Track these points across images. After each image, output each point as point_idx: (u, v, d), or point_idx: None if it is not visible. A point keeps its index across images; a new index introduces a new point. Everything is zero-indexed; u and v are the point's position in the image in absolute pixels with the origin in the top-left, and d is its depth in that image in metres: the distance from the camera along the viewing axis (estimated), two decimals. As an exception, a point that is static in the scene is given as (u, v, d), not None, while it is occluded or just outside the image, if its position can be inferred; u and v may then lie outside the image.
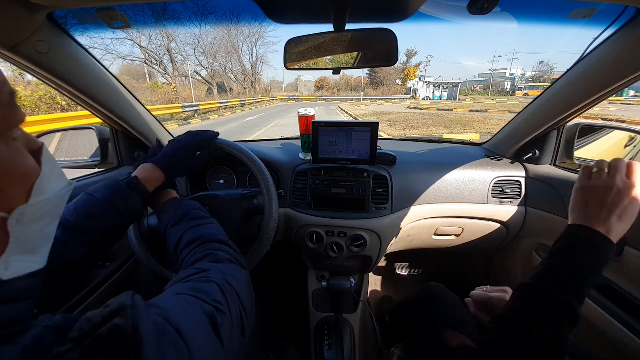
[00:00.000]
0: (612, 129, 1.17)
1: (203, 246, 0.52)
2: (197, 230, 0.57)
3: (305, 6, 0.71)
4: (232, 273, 0.46)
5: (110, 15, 0.68)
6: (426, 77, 46.80)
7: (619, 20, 0.66)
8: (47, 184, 0.31)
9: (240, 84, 39.81)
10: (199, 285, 0.40)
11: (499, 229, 1.14)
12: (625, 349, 0.71)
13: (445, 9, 0.73)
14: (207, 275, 0.42)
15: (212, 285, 0.40)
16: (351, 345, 1.07)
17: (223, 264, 0.48)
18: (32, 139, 0.32)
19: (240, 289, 0.44)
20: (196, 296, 0.37)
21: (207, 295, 0.38)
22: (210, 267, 0.45)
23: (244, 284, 0.47)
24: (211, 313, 0.35)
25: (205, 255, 0.49)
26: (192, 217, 0.61)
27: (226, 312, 0.37)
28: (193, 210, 0.63)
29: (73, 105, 9.18)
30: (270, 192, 0.83)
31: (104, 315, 0.26)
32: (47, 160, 0.31)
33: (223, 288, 0.41)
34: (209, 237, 0.55)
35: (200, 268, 0.45)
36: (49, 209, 0.31)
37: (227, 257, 0.50)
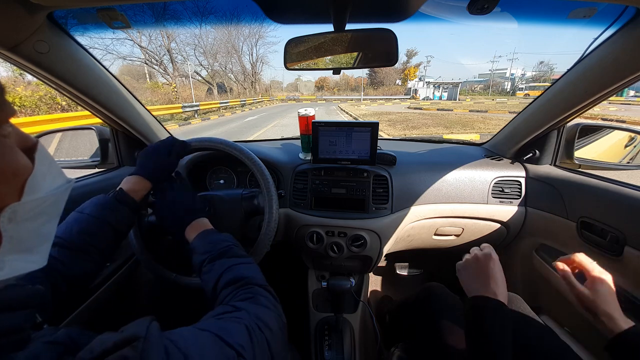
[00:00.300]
0: (612, 129, 1.16)
1: (244, 288, 0.50)
2: (238, 269, 0.55)
3: (305, 6, 0.71)
4: (267, 320, 0.45)
5: (110, 15, 0.68)
6: (426, 77, 46.81)
7: (619, 20, 0.66)
8: (43, 182, 0.30)
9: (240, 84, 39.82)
10: (227, 324, 0.39)
11: (499, 229, 1.14)
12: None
13: (445, 9, 0.73)
14: (239, 316, 0.41)
15: (240, 327, 0.39)
16: (351, 345, 1.07)
17: (260, 307, 0.46)
18: (26, 137, 0.31)
19: (272, 338, 0.43)
20: (220, 336, 0.36)
21: (231, 336, 0.37)
22: (247, 308, 0.44)
23: (278, 333, 0.45)
24: (232, 356, 0.34)
25: (246, 298, 0.48)
26: (232, 255, 0.58)
27: (247, 359, 0.36)
28: (232, 248, 0.60)
29: (73, 105, 9.18)
30: (270, 192, 0.83)
31: (116, 342, 0.25)
32: (42, 157, 0.31)
33: (252, 332, 0.39)
34: (250, 279, 0.53)
35: (236, 307, 0.44)
36: (45, 207, 0.31)
37: (265, 302, 0.48)
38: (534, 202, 1.08)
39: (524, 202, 1.10)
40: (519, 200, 1.10)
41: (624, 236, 0.76)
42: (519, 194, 1.10)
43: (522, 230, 1.14)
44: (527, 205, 1.10)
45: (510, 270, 1.24)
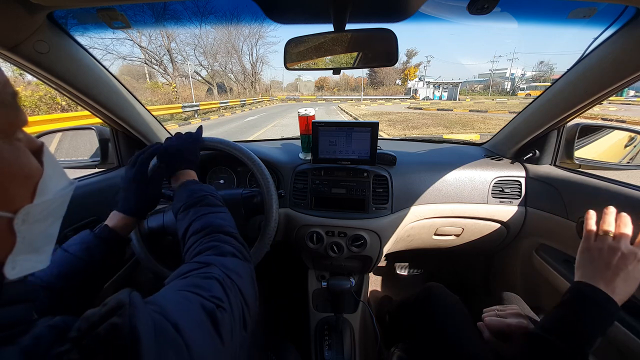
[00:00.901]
0: (612, 129, 1.16)
1: (209, 236, 0.52)
2: (207, 218, 0.56)
3: (305, 6, 0.71)
4: (235, 268, 0.46)
5: (110, 15, 0.68)
6: (426, 77, 46.80)
7: (619, 20, 0.66)
8: (50, 184, 0.31)
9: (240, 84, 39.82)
10: (199, 281, 0.40)
11: (499, 229, 1.14)
12: (626, 349, 0.71)
13: (445, 9, 0.73)
14: (208, 271, 0.42)
15: (212, 282, 0.40)
16: (351, 345, 1.07)
17: (226, 257, 0.47)
18: (33, 139, 0.32)
19: (243, 283, 0.44)
20: (196, 292, 0.36)
21: (207, 291, 0.37)
22: (213, 261, 0.45)
23: (247, 278, 0.46)
24: (211, 310, 0.35)
25: (210, 247, 0.49)
26: (205, 204, 0.60)
27: (227, 309, 0.37)
28: (207, 197, 0.62)
29: (73, 105, 9.18)
30: (270, 192, 0.83)
31: (102, 314, 0.26)
32: (48, 159, 0.32)
33: (224, 284, 0.40)
34: (217, 227, 0.54)
35: (202, 262, 0.44)
36: (53, 209, 0.32)
37: (231, 250, 0.49)
38: (534, 202, 1.08)
39: (524, 202, 1.10)
40: (519, 200, 1.10)
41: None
42: (519, 194, 1.10)
43: (522, 230, 1.14)
44: (527, 205, 1.10)
45: (510, 270, 1.24)
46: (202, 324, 0.33)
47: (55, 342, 0.24)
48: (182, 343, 0.29)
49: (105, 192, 1.03)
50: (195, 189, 0.64)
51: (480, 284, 1.49)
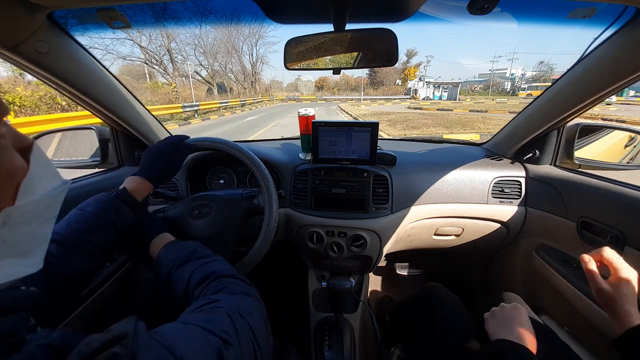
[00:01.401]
0: (612, 129, 1.16)
1: (216, 281, 0.50)
2: (207, 267, 0.54)
3: (305, 6, 0.71)
4: (245, 305, 0.45)
5: (110, 15, 0.68)
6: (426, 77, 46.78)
7: (619, 20, 0.66)
8: (38, 184, 0.29)
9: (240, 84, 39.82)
10: (208, 315, 0.39)
11: (499, 229, 1.14)
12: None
13: (445, 9, 0.73)
14: (218, 305, 0.41)
15: (221, 315, 0.39)
16: (351, 345, 1.07)
17: (237, 295, 0.47)
18: (21, 136, 0.30)
19: (254, 322, 0.43)
20: (203, 326, 0.36)
21: (214, 325, 0.37)
22: (223, 298, 0.44)
23: (258, 316, 0.45)
24: (217, 345, 0.34)
25: (219, 290, 0.48)
26: (199, 256, 0.58)
27: (234, 344, 0.36)
28: (198, 250, 0.60)
29: (73, 105, 9.19)
30: (270, 192, 0.83)
31: (104, 341, 0.25)
32: (37, 158, 0.30)
33: (233, 319, 0.40)
34: (220, 273, 0.53)
35: (212, 298, 0.44)
36: (40, 210, 0.30)
37: (241, 290, 0.49)
38: (534, 202, 1.08)
39: (524, 202, 1.10)
40: (519, 200, 1.10)
41: (624, 236, 0.76)
42: (519, 194, 1.10)
43: (522, 230, 1.14)
44: (527, 205, 1.10)
45: (510, 270, 1.24)
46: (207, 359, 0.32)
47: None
48: None
49: (105, 192, 1.03)
50: (182, 246, 0.61)
51: (480, 284, 1.49)
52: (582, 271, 0.89)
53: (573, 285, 0.88)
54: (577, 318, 0.89)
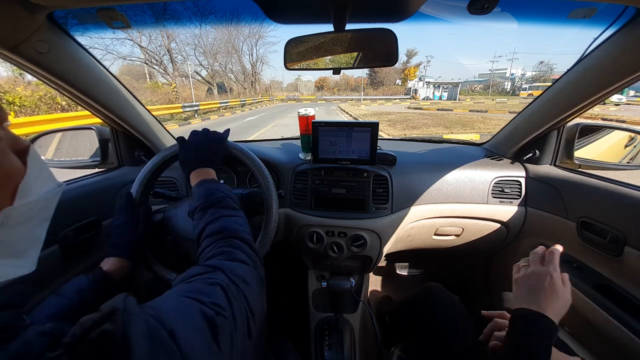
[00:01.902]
0: (612, 129, 1.16)
1: (224, 241, 0.52)
2: (223, 221, 0.56)
3: (305, 6, 0.71)
4: (244, 275, 0.45)
5: (110, 15, 0.68)
6: (426, 77, 46.78)
7: (619, 20, 0.66)
8: (34, 186, 0.30)
9: (240, 84, 39.81)
10: (202, 286, 0.39)
11: (499, 229, 1.14)
12: (625, 349, 0.71)
13: (445, 9, 0.73)
14: (213, 277, 0.41)
15: (215, 288, 0.39)
16: (351, 345, 1.07)
17: (236, 263, 0.47)
18: (18, 139, 0.31)
19: (250, 292, 0.43)
20: (196, 298, 0.36)
21: (208, 297, 0.37)
22: (222, 265, 0.44)
23: (255, 287, 0.46)
24: (211, 317, 0.34)
25: (222, 252, 0.49)
26: (222, 206, 0.60)
27: (227, 317, 0.36)
28: (224, 199, 0.62)
29: (73, 105, 9.19)
30: (270, 192, 0.83)
31: (95, 320, 0.25)
32: (34, 161, 0.30)
33: (228, 291, 0.40)
34: (233, 231, 0.54)
35: (210, 266, 0.44)
36: (36, 211, 0.30)
37: (243, 257, 0.49)
38: (534, 202, 1.08)
39: (524, 202, 1.10)
40: (519, 200, 1.10)
41: (624, 236, 0.76)
42: (519, 194, 1.10)
43: (522, 230, 1.14)
44: (527, 205, 1.10)
45: (510, 270, 1.24)
46: (199, 331, 0.32)
47: (48, 349, 0.24)
48: (176, 350, 0.28)
49: (105, 192, 1.03)
50: (213, 188, 0.64)
51: (480, 284, 1.49)
52: (583, 271, 0.89)
53: (573, 285, 0.87)
54: (577, 318, 0.89)
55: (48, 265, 0.81)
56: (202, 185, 0.65)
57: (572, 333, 0.93)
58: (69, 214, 0.88)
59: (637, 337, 0.69)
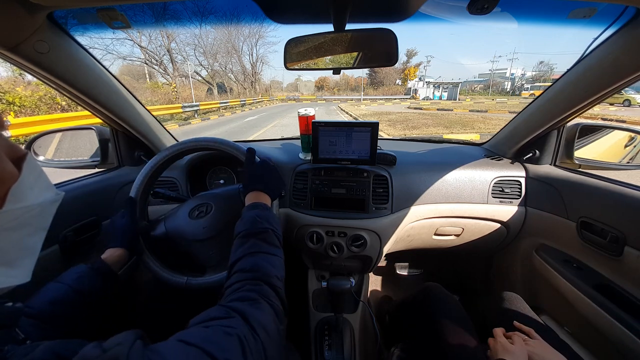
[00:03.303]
0: (612, 129, 1.16)
1: (253, 282, 0.50)
2: (259, 259, 0.54)
3: (305, 6, 0.71)
4: (265, 324, 0.43)
5: (110, 15, 0.68)
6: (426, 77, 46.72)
7: (619, 20, 0.66)
8: (29, 192, 0.29)
9: (240, 84, 39.80)
10: (217, 337, 0.37)
11: (499, 229, 1.14)
12: (625, 349, 0.71)
13: (445, 9, 0.73)
14: (232, 324, 0.39)
15: (232, 340, 0.37)
16: (351, 345, 1.07)
17: (259, 311, 0.45)
18: (15, 147, 0.30)
19: (268, 343, 0.41)
20: (207, 351, 0.34)
21: (221, 351, 0.34)
22: (245, 312, 0.42)
23: (275, 335, 0.44)
24: None
25: (248, 298, 0.46)
26: (263, 239, 0.58)
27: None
28: (268, 232, 0.60)
29: (73, 105, 9.18)
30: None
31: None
32: (30, 168, 0.30)
33: (245, 343, 0.37)
34: (264, 275, 0.52)
35: (232, 310, 0.42)
36: (30, 218, 0.29)
37: (267, 307, 0.47)
38: (534, 202, 1.08)
39: (524, 202, 1.10)
40: (519, 200, 1.10)
41: (624, 236, 0.76)
42: (519, 194, 1.10)
43: (522, 230, 1.14)
44: (527, 205, 1.10)
45: (510, 270, 1.24)
46: None
47: None
48: None
49: (105, 192, 1.03)
50: (263, 216, 0.62)
51: (480, 284, 1.49)
52: (583, 271, 0.89)
53: (573, 285, 0.88)
54: (577, 318, 0.89)
55: (48, 265, 0.81)
56: (254, 209, 0.64)
57: (572, 333, 0.94)
58: (69, 214, 0.88)
59: (637, 337, 0.69)
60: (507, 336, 0.71)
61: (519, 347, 0.65)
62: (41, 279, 0.79)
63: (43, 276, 0.80)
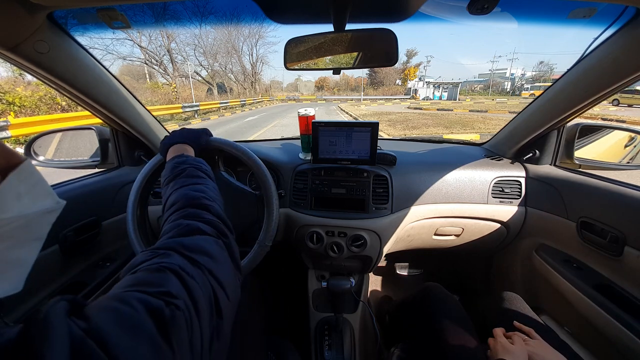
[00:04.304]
0: (612, 129, 1.16)
1: (178, 212, 0.46)
2: (181, 191, 0.51)
3: (305, 6, 0.71)
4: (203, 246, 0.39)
5: (110, 15, 0.68)
6: (426, 77, 46.75)
7: (619, 20, 0.66)
8: (11, 203, 0.27)
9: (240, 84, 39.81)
10: (146, 276, 0.32)
11: (499, 229, 1.14)
12: (625, 349, 0.71)
13: (445, 9, 0.73)
14: (161, 261, 0.35)
15: (163, 274, 0.33)
16: (351, 345, 1.07)
17: (191, 237, 0.41)
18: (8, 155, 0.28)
19: (215, 265, 0.38)
20: (140, 291, 0.30)
21: (155, 287, 0.31)
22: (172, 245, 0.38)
23: (220, 258, 0.40)
24: (157, 310, 0.28)
25: (174, 227, 0.42)
26: (186, 175, 0.55)
27: (181, 306, 0.30)
28: (189, 168, 0.57)
29: (73, 106, 9.18)
30: (270, 192, 0.83)
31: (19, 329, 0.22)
32: (21, 177, 0.28)
33: (182, 273, 0.33)
34: (190, 199, 0.48)
35: (158, 249, 0.38)
36: (9, 230, 0.26)
37: (198, 226, 0.42)
38: (534, 202, 1.08)
39: (524, 202, 1.10)
40: (519, 200, 1.10)
41: (624, 236, 0.76)
42: (519, 194, 1.10)
43: (522, 230, 1.14)
44: (527, 205, 1.10)
45: (510, 270, 1.24)
46: (142, 332, 0.26)
47: None
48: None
49: (105, 192, 1.03)
50: (179, 161, 0.60)
51: (480, 284, 1.49)
52: (583, 271, 0.89)
53: (573, 285, 0.88)
54: (577, 318, 0.89)
55: (48, 265, 0.81)
56: (172, 160, 0.61)
57: (572, 333, 0.94)
58: (69, 214, 0.88)
59: (637, 337, 0.69)
60: (507, 336, 0.71)
61: (519, 347, 0.65)
62: (41, 279, 0.79)
63: (43, 276, 0.80)
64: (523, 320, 0.78)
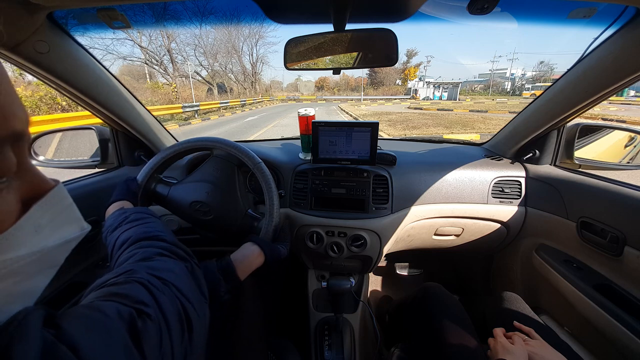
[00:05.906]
0: (612, 129, 1.16)
1: (133, 246, 0.46)
2: (130, 232, 0.51)
3: (305, 6, 0.71)
4: (165, 266, 0.40)
5: (110, 15, 0.68)
6: (426, 77, 46.76)
7: (619, 20, 0.66)
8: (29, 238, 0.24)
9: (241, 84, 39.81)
10: (115, 288, 0.32)
11: (499, 229, 1.14)
12: (625, 349, 0.71)
13: (445, 9, 0.73)
14: (128, 276, 0.35)
15: (132, 286, 0.33)
16: (351, 345, 1.07)
17: (152, 260, 0.41)
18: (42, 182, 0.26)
19: (178, 280, 0.38)
20: (111, 300, 0.29)
21: (125, 297, 0.30)
22: (135, 267, 0.38)
23: (183, 275, 0.41)
24: (129, 318, 0.28)
25: (131, 256, 0.42)
26: (130, 220, 0.55)
27: (153, 315, 0.30)
28: (133, 214, 0.57)
29: (73, 105, 9.18)
30: (270, 192, 0.83)
31: None
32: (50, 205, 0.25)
33: (150, 285, 0.33)
34: (139, 235, 0.48)
35: (119, 271, 0.37)
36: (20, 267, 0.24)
37: (156, 251, 0.43)
38: (534, 202, 1.08)
39: (524, 202, 1.10)
40: (519, 200, 1.10)
41: (624, 236, 0.76)
42: (519, 194, 1.10)
43: (522, 230, 1.14)
44: (527, 205, 1.10)
45: (510, 270, 1.24)
46: (114, 340, 0.26)
47: None
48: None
49: (106, 192, 1.03)
50: (120, 212, 0.60)
51: (480, 284, 1.49)
52: (583, 271, 0.89)
53: (573, 285, 0.88)
54: (577, 318, 0.89)
55: None
56: (112, 214, 0.61)
57: (572, 333, 0.94)
58: None
59: (637, 337, 0.69)
60: (507, 336, 0.71)
61: (519, 347, 0.65)
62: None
63: None
64: (523, 320, 0.78)
